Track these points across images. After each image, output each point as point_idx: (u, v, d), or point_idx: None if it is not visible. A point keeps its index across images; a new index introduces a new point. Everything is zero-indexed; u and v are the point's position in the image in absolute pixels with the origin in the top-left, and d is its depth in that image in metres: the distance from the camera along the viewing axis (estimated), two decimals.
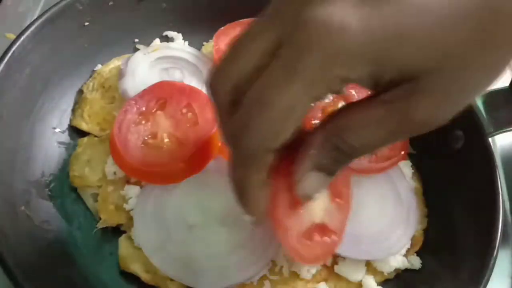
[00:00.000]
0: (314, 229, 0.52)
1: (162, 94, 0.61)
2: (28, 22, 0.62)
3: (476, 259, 0.54)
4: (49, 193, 0.60)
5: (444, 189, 0.64)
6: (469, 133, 0.62)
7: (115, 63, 0.70)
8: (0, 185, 0.54)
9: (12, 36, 0.70)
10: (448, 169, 0.64)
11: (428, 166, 0.66)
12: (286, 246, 0.51)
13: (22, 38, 0.59)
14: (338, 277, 0.58)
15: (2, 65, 0.57)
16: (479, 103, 0.63)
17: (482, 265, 0.52)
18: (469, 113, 0.61)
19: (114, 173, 0.60)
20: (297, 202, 0.50)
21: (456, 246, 0.59)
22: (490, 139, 0.60)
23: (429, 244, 0.62)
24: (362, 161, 0.60)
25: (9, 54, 0.58)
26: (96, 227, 0.58)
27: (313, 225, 0.52)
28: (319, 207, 0.52)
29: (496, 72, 0.35)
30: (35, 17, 0.63)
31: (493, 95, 0.65)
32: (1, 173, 0.55)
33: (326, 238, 0.52)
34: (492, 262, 0.52)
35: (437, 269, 0.59)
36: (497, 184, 0.57)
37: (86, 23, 0.67)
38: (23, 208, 0.55)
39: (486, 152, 0.59)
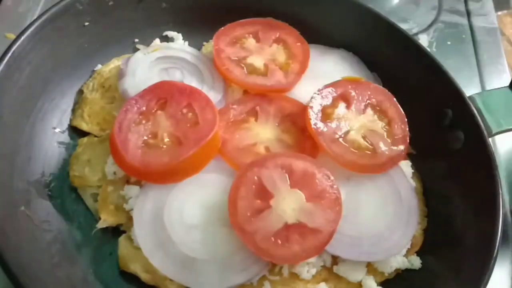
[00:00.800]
0: (289, 229, 0.53)
1: (162, 94, 0.61)
2: (28, 22, 0.63)
3: (476, 259, 0.54)
4: (49, 193, 0.60)
5: (444, 189, 0.64)
6: (469, 133, 0.62)
7: (115, 63, 0.70)
8: (0, 185, 0.54)
9: (12, 36, 0.70)
10: (448, 169, 0.64)
11: (428, 166, 0.66)
12: (252, 249, 0.52)
13: (22, 38, 0.59)
14: (338, 277, 0.58)
15: (2, 65, 0.57)
16: (479, 103, 0.63)
17: (482, 265, 0.52)
18: (469, 113, 0.62)
19: (114, 173, 0.60)
20: (258, 208, 0.52)
21: (456, 246, 0.59)
22: (490, 139, 0.61)
23: (429, 244, 0.62)
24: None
25: (9, 54, 0.58)
26: (96, 227, 0.58)
27: (286, 225, 0.53)
28: (289, 208, 0.53)
29: None
30: (35, 17, 0.63)
31: (493, 95, 0.65)
32: (1, 173, 0.55)
33: (307, 237, 0.53)
34: (492, 262, 0.52)
35: (437, 269, 0.59)
36: (497, 184, 0.57)
37: (86, 23, 0.67)
38: (23, 208, 0.55)
39: (486, 152, 0.59)
